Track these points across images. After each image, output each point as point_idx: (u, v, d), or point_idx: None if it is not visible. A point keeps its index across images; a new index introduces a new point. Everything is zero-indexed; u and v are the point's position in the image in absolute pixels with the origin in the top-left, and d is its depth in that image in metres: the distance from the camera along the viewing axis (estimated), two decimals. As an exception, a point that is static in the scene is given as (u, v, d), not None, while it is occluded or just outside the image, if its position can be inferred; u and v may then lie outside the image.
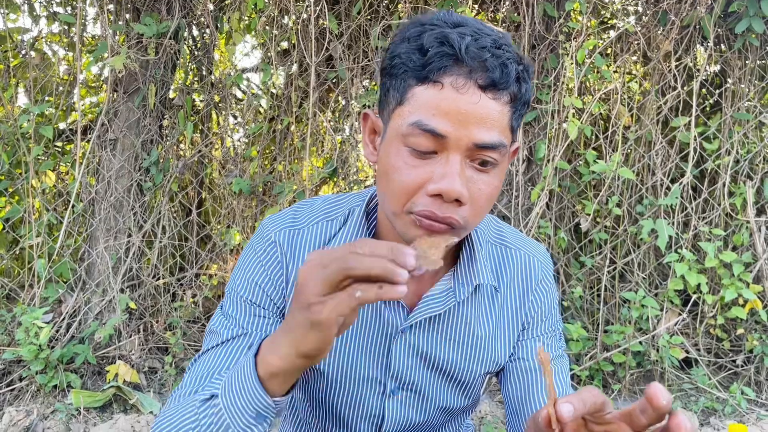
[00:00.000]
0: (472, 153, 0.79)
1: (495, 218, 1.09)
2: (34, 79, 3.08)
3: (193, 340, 3.15)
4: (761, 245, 2.84)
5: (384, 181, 0.83)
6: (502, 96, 0.79)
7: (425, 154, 0.79)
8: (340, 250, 0.64)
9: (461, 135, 0.77)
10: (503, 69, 0.77)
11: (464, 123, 0.77)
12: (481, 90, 0.77)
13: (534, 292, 1.03)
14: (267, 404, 0.74)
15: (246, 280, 0.96)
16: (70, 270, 3.02)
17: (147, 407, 2.60)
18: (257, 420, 0.75)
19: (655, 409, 0.59)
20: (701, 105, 3.08)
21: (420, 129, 0.77)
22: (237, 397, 0.75)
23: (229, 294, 0.98)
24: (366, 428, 1.04)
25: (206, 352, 0.92)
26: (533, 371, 1.02)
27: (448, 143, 0.77)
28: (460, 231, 0.82)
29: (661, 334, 2.74)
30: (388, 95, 0.84)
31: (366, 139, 0.92)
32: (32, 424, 2.47)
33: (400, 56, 0.80)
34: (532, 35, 2.94)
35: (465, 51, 0.76)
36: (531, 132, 3.06)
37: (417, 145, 0.78)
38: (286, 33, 3.09)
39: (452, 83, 0.76)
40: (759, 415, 2.67)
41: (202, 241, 3.38)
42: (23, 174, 3.01)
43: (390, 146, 0.82)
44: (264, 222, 1.01)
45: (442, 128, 0.77)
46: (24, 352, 2.56)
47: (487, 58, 0.76)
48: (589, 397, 0.63)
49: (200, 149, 3.29)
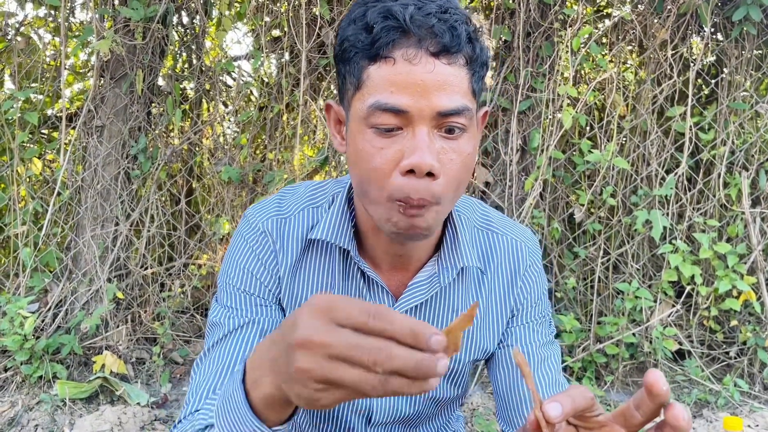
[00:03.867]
0: (437, 122, 0.76)
1: (481, 203, 1.06)
2: (19, 64, 3.02)
3: (182, 331, 3.11)
4: (756, 236, 2.82)
5: (356, 169, 0.81)
6: (457, 59, 0.77)
7: (390, 132, 0.76)
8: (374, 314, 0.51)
9: (422, 106, 0.75)
10: (452, 32, 0.75)
11: (423, 93, 0.74)
12: (433, 57, 0.75)
13: (522, 278, 1.01)
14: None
15: (241, 271, 0.94)
16: (56, 259, 2.98)
17: (134, 398, 2.56)
18: None
19: (654, 397, 0.56)
20: (697, 95, 3.05)
21: (380, 109, 0.75)
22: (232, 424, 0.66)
23: (224, 286, 0.95)
24: (356, 421, 1.02)
25: (214, 347, 0.89)
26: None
27: (412, 117, 0.75)
28: (433, 207, 0.78)
29: (655, 326, 2.73)
30: (345, 82, 0.82)
31: (333, 131, 0.90)
32: (17, 416, 2.44)
33: (348, 39, 0.78)
34: (527, 22, 2.90)
35: (410, 20, 0.74)
36: (525, 121, 3.02)
37: (380, 124, 0.76)
38: (277, 19, 3.04)
39: (403, 55, 0.74)
40: (752, 407, 2.66)
41: (191, 230, 3.34)
42: (8, 161, 2.96)
43: (355, 133, 0.80)
44: (249, 211, 0.98)
45: (403, 103, 0.75)
46: (9, 342, 2.52)
47: (434, 23, 0.74)
48: (577, 394, 0.59)
49: (189, 137, 3.24)
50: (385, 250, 0.92)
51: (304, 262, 0.95)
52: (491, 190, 3.03)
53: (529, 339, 1.01)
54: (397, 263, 0.94)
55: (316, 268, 0.95)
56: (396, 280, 0.95)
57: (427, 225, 0.79)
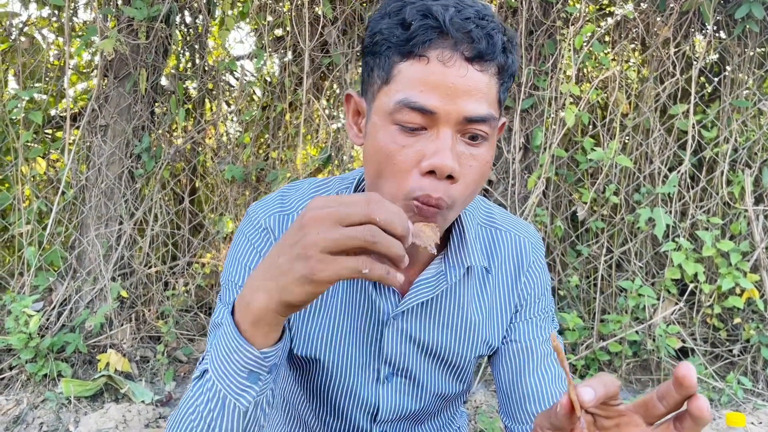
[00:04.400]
0: (462, 127, 0.76)
1: (483, 200, 1.07)
2: (23, 64, 3.03)
3: (186, 329, 3.12)
4: (759, 234, 2.82)
5: (373, 164, 0.81)
6: (489, 67, 0.77)
7: (415, 131, 0.76)
8: (357, 210, 0.61)
9: (450, 109, 0.75)
10: (489, 40, 0.75)
11: (453, 97, 0.74)
12: (467, 62, 0.75)
13: (526, 274, 1.01)
14: (255, 357, 0.70)
15: (242, 267, 0.93)
16: (60, 258, 2.98)
17: (138, 396, 2.57)
18: (250, 380, 0.72)
19: (685, 389, 0.57)
20: (700, 92, 3.05)
21: (408, 107, 0.75)
22: (225, 361, 0.71)
23: (227, 284, 0.95)
24: (362, 417, 1.02)
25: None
26: (525, 353, 1.00)
27: (438, 118, 0.75)
28: (448, 212, 0.79)
29: (658, 324, 2.73)
30: (372, 74, 0.81)
31: (350, 122, 0.89)
32: (22, 414, 2.45)
33: (381, 32, 0.78)
34: (530, 20, 2.90)
35: (449, 22, 0.74)
36: (528, 119, 3.02)
37: (406, 122, 0.76)
38: (280, 18, 3.05)
39: (438, 56, 0.74)
40: (756, 405, 2.66)
41: (195, 229, 3.35)
42: (13, 161, 2.97)
43: (377, 127, 0.79)
44: (252, 208, 0.98)
45: (431, 104, 0.74)
46: (13, 340, 2.53)
47: (472, 29, 0.74)
48: (608, 381, 0.61)
49: (192, 136, 3.24)
50: None
51: None
52: (494, 188, 3.03)
53: (533, 334, 1.02)
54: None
55: None
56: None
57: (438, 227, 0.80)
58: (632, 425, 0.63)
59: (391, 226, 0.61)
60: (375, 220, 0.61)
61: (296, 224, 0.65)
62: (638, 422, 0.62)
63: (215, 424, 0.73)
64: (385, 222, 0.61)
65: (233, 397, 0.72)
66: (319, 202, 0.64)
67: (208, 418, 0.73)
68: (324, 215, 0.62)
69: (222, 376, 0.72)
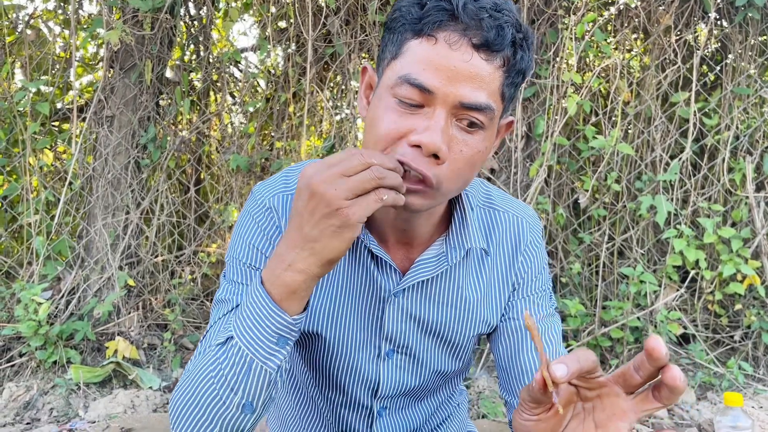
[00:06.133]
0: (458, 111, 0.79)
1: (483, 181, 1.09)
2: (29, 56, 3.06)
3: (192, 317, 3.15)
4: (760, 221, 2.83)
5: (369, 133, 0.84)
6: (495, 59, 0.78)
7: (412, 107, 0.79)
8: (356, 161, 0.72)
9: (449, 92, 0.77)
10: (499, 31, 0.77)
11: (453, 80, 0.77)
12: (473, 49, 0.77)
13: (523, 254, 1.03)
14: (288, 324, 0.77)
15: (247, 246, 0.96)
16: (68, 247, 3.02)
17: (146, 382, 2.61)
18: (279, 344, 0.78)
19: (654, 361, 0.61)
20: (701, 80, 3.06)
21: (408, 83, 0.78)
22: (254, 327, 0.77)
23: (231, 262, 0.97)
24: (363, 393, 1.05)
25: (217, 323, 0.92)
26: (522, 330, 1.02)
27: (435, 98, 0.77)
28: (435, 192, 0.81)
29: (659, 310, 2.75)
30: (385, 50, 0.84)
31: (362, 93, 0.92)
32: (32, 399, 2.49)
33: (400, 9, 0.81)
34: (532, 9, 2.92)
35: (462, 8, 0.76)
36: (530, 108, 3.04)
37: (404, 97, 0.78)
38: (283, 9, 3.07)
39: (446, 39, 0.77)
40: (756, 390, 2.68)
41: (200, 218, 3.38)
42: (20, 152, 3.01)
43: (380, 98, 0.83)
44: (255, 188, 1.01)
45: (431, 83, 0.77)
46: (23, 328, 2.57)
47: (484, 17, 0.76)
48: (582, 357, 0.64)
49: (197, 126, 3.27)
50: (391, 225, 0.95)
51: None
52: (496, 176, 3.06)
53: (530, 312, 1.04)
54: (402, 238, 0.97)
55: None
56: (401, 254, 0.98)
57: (420, 206, 0.82)
58: (612, 395, 0.67)
59: (386, 165, 0.74)
60: (373, 163, 0.72)
61: (304, 195, 0.74)
62: (618, 392, 0.66)
63: (239, 386, 0.77)
64: (380, 162, 0.73)
65: (261, 361, 0.77)
66: (313, 169, 0.74)
67: (232, 380, 0.77)
68: (330, 174, 0.72)
69: (250, 342, 0.77)
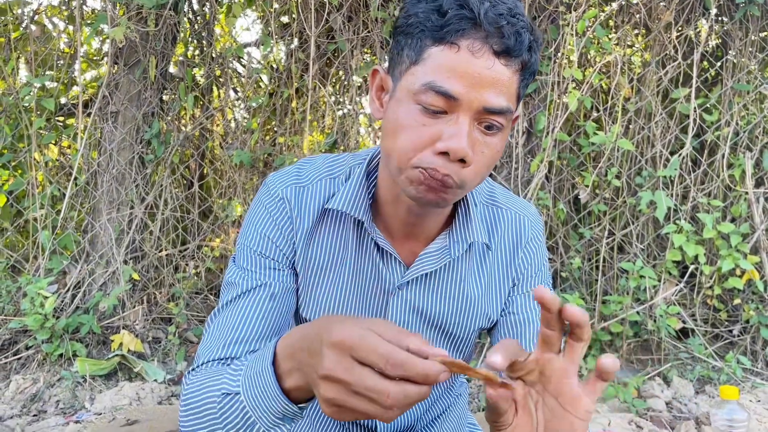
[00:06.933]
0: (480, 116, 0.81)
1: (486, 179, 1.11)
2: (34, 52, 3.08)
3: (196, 311, 3.19)
4: (759, 216, 2.86)
5: (391, 138, 0.85)
6: (514, 63, 0.81)
7: (436, 114, 0.81)
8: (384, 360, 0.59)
9: (473, 98, 0.79)
10: (517, 37, 0.79)
11: (476, 86, 0.79)
12: (495, 55, 0.79)
13: (524, 250, 1.06)
14: (293, 411, 0.74)
15: (258, 235, 0.98)
16: (74, 242, 3.05)
17: (151, 375, 2.65)
18: (284, 420, 0.76)
19: (548, 304, 0.61)
20: (701, 77, 3.08)
21: (433, 90, 0.79)
22: (261, 399, 0.74)
23: (241, 249, 1.00)
24: None
25: (227, 305, 0.95)
26: (522, 324, 1.05)
27: (460, 105, 0.80)
28: (456, 190, 0.84)
29: (659, 305, 2.77)
30: (401, 54, 0.85)
31: (373, 95, 0.94)
32: (39, 392, 2.52)
33: (417, 15, 0.82)
34: (533, 5, 2.93)
35: (484, 16, 0.78)
36: (531, 104, 3.06)
37: (429, 104, 0.80)
38: (286, 5, 3.08)
39: (469, 46, 0.79)
40: (754, 383, 2.71)
41: (204, 213, 3.41)
42: (26, 147, 3.03)
43: (400, 104, 0.84)
44: (269, 179, 1.03)
45: (456, 90, 0.79)
46: (29, 321, 2.60)
47: (504, 24, 0.79)
48: (505, 341, 0.66)
49: (201, 122, 3.30)
50: (402, 220, 0.98)
51: (320, 230, 1.00)
52: (497, 172, 3.08)
53: (529, 306, 1.07)
54: (410, 233, 0.99)
55: (332, 236, 1.00)
56: (407, 249, 1.01)
57: (447, 200, 0.85)
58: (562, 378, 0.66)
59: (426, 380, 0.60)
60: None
61: (317, 346, 0.64)
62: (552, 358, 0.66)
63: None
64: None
65: (265, 427, 0.76)
66: (341, 342, 0.61)
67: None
68: (340, 380, 0.61)
69: (255, 409, 0.75)
